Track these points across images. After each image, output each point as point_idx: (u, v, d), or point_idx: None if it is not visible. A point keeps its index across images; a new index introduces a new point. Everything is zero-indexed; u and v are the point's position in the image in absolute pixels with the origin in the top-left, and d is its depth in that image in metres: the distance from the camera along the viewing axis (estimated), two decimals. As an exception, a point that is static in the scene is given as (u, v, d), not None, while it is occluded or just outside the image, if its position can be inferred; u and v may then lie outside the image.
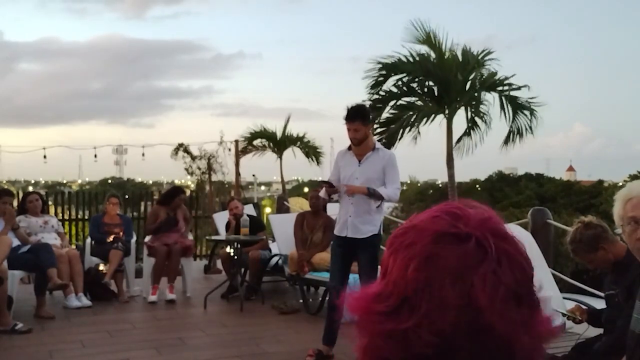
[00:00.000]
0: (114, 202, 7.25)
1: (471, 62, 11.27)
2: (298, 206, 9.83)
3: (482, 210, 0.78)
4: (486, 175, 39.58)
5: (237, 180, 11.76)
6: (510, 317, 0.72)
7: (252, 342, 5.17)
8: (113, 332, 5.48)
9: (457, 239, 0.74)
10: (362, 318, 0.77)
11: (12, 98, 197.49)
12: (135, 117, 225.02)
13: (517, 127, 11.35)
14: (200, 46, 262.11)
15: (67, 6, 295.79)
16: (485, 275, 0.72)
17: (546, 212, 6.11)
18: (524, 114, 11.29)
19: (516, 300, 0.73)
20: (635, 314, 2.26)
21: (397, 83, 11.59)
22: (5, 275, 5.48)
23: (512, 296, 0.72)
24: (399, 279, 0.75)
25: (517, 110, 11.29)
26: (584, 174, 52.63)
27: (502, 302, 0.72)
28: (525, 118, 11.31)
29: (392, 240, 0.79)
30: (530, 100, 11.32)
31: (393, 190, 4.52)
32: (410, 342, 0.72)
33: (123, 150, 20.58)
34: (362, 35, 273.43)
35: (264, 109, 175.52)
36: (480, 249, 0.73)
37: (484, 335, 0.71)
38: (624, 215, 2.26)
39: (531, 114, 11.25)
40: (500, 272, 0.72)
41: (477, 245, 0.73)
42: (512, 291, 0.73)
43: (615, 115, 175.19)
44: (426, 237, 0.75)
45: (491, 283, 0.72)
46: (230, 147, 11.84)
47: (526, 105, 11.28)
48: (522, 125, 11.35)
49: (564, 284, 6.01)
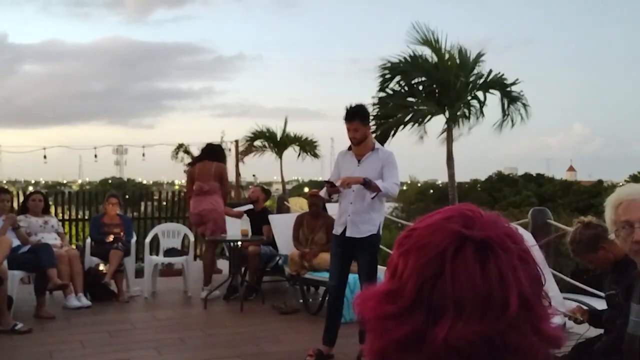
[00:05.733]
0: (114, 202, 7.25)
1: (469, 64, 11.53)
2: (298, 206, 9.83)
3: (492, 214, 0.78)
4: (486, 176, 39.65)
5: (237, 181, 11.76)
6: (521, 320, 0.71)
7: (252, 342, 5.17)
8: (113, 332, 5.47)
9: (472, 241, 0.73)
10: (374, 321, 0.75)
11: (14, 99, 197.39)
12: (136, 117, 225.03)
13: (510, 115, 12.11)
14: (201, 48, 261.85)
15: (69, 10, 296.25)
16: (502, 277, 0.71)
17: (546, 212, 6.11)
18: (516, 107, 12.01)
19: (529, 304, 0.72)
20: (633, 317, 2.26)
21: (400, 82, 11.71)
22: (5, 275, 5.48)
23: (525, 299, 0.72)
24: (411, 279, 0.73)
25: (511, 103, 11.98)
26: (584, 174, 52.67)
27: (518, 305, 0.71)
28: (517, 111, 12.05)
29: (403, 240, 0.78)
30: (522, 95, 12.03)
31: (391, 185, 4.48)
32: (425, 346, 0.71)
33: (123, 151, 20.52)
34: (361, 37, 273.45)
35: (265, 109, 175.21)
36: (495, 252, 0.72)
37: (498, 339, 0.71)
38: (616, 220, 2.24)
39: (524, 107, 11.90)
40: (516, 275, 0.72)
41: (492, 248, 0.73)
42: (526, 294, 0.72)
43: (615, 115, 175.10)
44: (441, 239, 0.74)
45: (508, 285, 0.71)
46: (230, 148, 11.86)
47: (519, 98, 11.92)
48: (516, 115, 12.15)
49: (564, 284, 6.01)
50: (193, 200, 7.09)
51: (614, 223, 2.26)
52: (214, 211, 7.03)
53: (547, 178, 38.28)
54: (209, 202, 7.03)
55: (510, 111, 12.06)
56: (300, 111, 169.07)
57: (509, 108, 12.03)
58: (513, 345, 0.70)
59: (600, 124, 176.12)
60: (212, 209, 7.02)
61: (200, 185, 7.04)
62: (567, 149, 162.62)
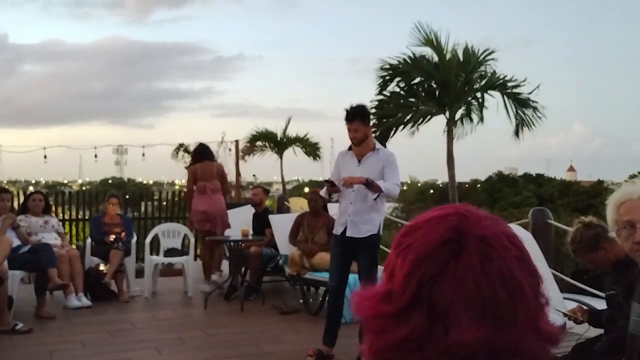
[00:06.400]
0: (114, 202, 7.25)
1: (472, 62, 11.36)
2: (298, 206, 9.83)
3: (487, 213, 0.78)
4: (486, 176, 39.65)
5: (237, 181, 11.76)
6: (521, 319, 0.71)
7: (252, 342, 5.17)
8: (113, 332, 5.47)
9: (470, 240, 0.72)
10: (372, 321, 0.75)
11: (14, 99, 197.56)
12: (136, 117, 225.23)
13: (521, 119, 11.63)
14: (201, 48, 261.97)
15: (69, 10, 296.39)
16: (502, 276, 0.71)
17: (547, 213, 6.11)
18: (526, 112, 11.52)
19: (527, 302, 0.72)
20: (633, 317, 2.26)
21: (400, 84, 11.66)
22: (6, 275, 5.48)
23: (524, 298, 0.72)
24: (409, 279, 0.73)
25: (520, 107, 11.52)
26: (584, 174, 52.63)
27: (517, 304, 0.71)
28: (527, 114, 11.57)
29: (400, 240, 0.77)
30: (532, 99, 11.52)
31: (392, 185, 4.49)
32: (424, 347, 0.71)
33: (123, 151, 20.51)
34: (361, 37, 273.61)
35: (265, 109, 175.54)
36: (493, 250, 0.72)
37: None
38: (618, 220, 2.23)
39: (534, 111, 11.47)
40: (514, 273, 0.72)
41: (490, 247, 0.72)
42: (524, 293, 0.72)
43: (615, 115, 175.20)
44: (439, 238, 0.73)
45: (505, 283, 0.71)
46: (230, 148, 11.86)
47: (529, 103, 11.47)
48: (527, 119, 11.64)
49: (565, 284, 6.01)
50: (197, 198, 7.19)
51: (615, 222, 2.25)
52: (221, 210, 7.24)
53: (547, 178, 38.28)
54: (214, 200, 7.19)
55: (521, 116, 11.45)
56: (300, 111, 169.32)
57: (518, 113, 11.46)
58: (512, 344, 0.70)
59: (600, 124, 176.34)
60: (218, 207, 7.22)
61: (204, 184, 7.17)
62: (567, 149, 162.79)
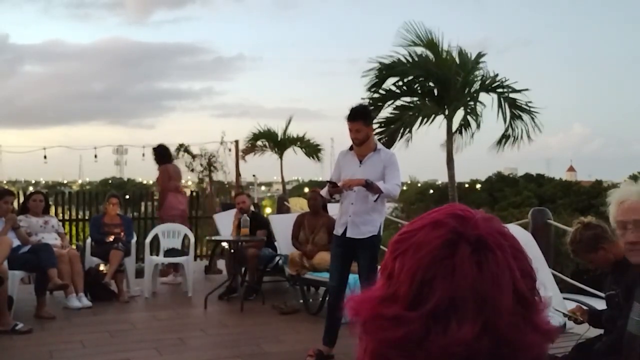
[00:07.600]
0: (114, 203, 7.25)
1: (468, 64, 11.31)
2: (298, 206, 9.83)
3: (484, 213, 0.78)
4: (486, 176, 39.68)
5: (237, 181, 11.75)
6: (518, 317, 0.71)
7: (252, 342, 5.17)
8: (113, 332, 5.48)
9: (467, 241, 0.73)
10: (369, 322, 0.75)
11: (14, 99, 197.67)
12: (136, 117, 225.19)
13: (513, 130, 11.37)
14: (201, 49, 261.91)
15: (69, 11, 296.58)
16: (499, 275, 0.71)
17: (547, 213, 6.12)
18: (522, 118, 11.30)
19: (524, 300, 0.73)
20: (633, 316, 2.26)
21: (397, 83, 11.59)
22: (6, 275, 5.49)
23: (521, 296, 0.72)
24: (407, 281, 0.73)
25: (515, 113, 11.30)
26: (584, 174, 52.65)
27: (514, 302, 0.71)
28: (523, 123, 11.33)
29: (397, 242, 0.77)
30: (530, 105, 11.31)
31: (392, 186, 4.50)
32: (423, 347, 0.71)
33: (123, 151, 20.47)
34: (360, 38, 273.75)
35: (265, 110, 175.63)
36: (490, 250, 0.72)
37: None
38: (616, 219, 2.29)
39: (531, 118, 11.27)
40: (512, 272, 0.72)
41: (487, 246, 0.73)
42: (521, 291, 0.72)
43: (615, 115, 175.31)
44: (436, 239, 0.73)
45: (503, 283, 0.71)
46: (230, 147, 11.85)
47: (525, 108, 11.27)
48: (520, 130, 11.38)
49: (564, 284, 6.01)
50: (172, 197, 7.89)
51: (614, 218, 2.30)
52: (186, 209, 8.34)
53: (547, 178, 38.33)
54: (183, 201, 8.24)
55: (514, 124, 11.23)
56: (300, 111, 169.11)
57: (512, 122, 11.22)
58: (511, 341, 0.71)
59: (600, 124, 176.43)
60: (186, 207, 8.33)
61: (177, 184, 8.05)
62: (567, 149, 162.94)
